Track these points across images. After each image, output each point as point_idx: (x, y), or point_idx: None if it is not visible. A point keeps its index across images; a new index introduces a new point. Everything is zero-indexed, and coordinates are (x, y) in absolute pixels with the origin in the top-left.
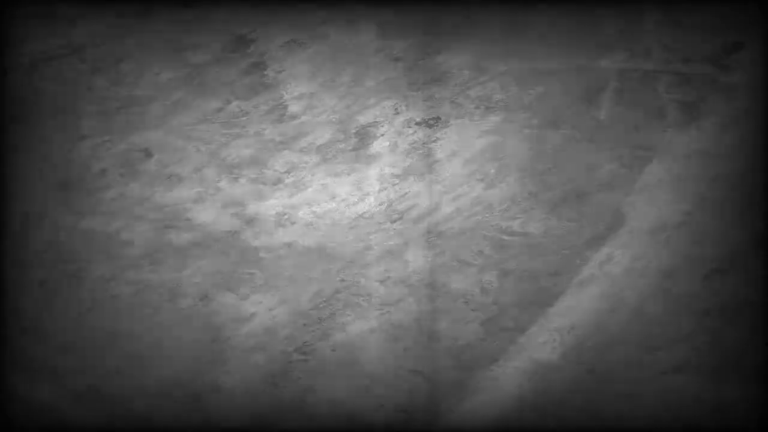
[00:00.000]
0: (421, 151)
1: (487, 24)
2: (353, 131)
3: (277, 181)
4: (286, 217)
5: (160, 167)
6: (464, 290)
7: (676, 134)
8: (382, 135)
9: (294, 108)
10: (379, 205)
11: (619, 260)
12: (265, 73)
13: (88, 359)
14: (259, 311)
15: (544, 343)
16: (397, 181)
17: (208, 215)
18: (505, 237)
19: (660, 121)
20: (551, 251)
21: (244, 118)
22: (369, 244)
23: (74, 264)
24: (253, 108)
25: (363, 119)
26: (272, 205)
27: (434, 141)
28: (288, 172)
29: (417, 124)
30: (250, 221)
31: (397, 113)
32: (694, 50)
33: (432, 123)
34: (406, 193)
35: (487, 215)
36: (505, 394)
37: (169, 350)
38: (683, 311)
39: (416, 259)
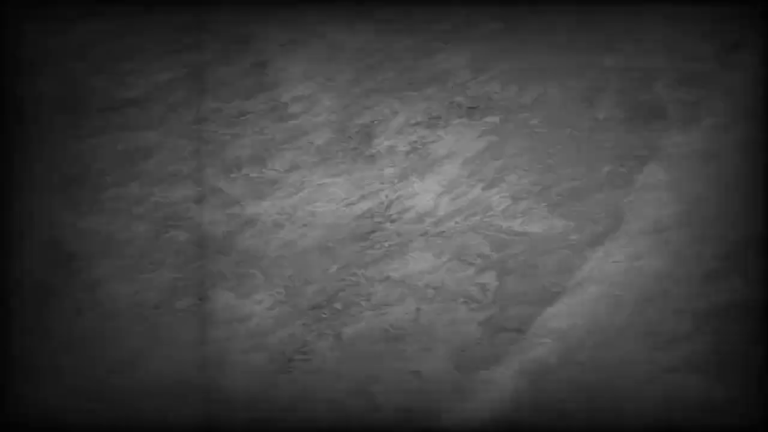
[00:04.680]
0: (420, 151)
1: (486, 24)
2: (352, 131)
3: (277, 181)
4: (285, 216)
5: (160, 167)
6: (464, 290)
7: (676, 134)
8: (381, 135)
9: (293, 108)
10: (379, 205)
11: (619, 260)
12: (265, 72)
13: (87, 359)
14: (259, 311)
15: (543, 343)
16: (397, 181)
17: (207, 215)
18: (505, 237)
19: (660, 121)
20: (551, 251)
21: (244, 118)
22: (368, 244)
23: (74, 264)
24: (252, 108)
25: (362, 119)
26: (272, 204)
27: (433, 141)
28: (288, 171)
29: (416, 124)
30: (250, 221)
31: (396, 113)
32: (694, 50)
33: (431, 123)
34: (405, 193)
35: (486, 215)
36: (504, 394)
37: (169, 350)
38: (683, 311)
39: (415, 259)
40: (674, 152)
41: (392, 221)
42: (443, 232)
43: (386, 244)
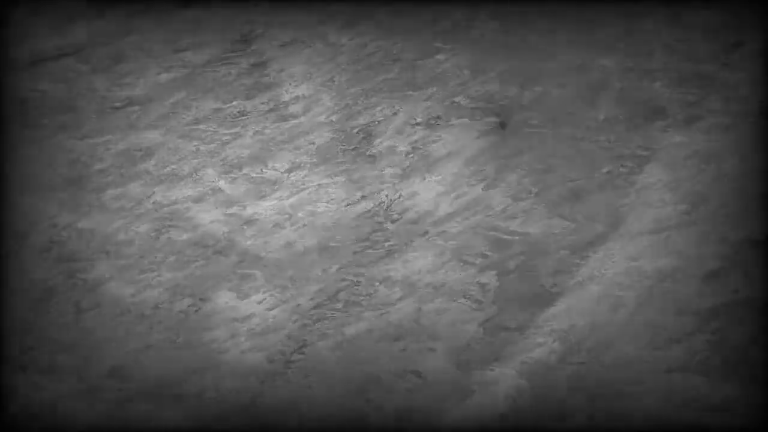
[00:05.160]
0: (420, 151)
1: (486, 23)
2: (353, 131)
3: (277, 181)
4: (285, 216)
5: (160, 167)
6: (464, 290)
7: (676, 134)
8: (382, 135)
9: (293, 108)
10: (379, 204)
11: (619, 260)
12: (265, 72)
13: (87, 359)
14: (259, 311)
15: (543, 343)
16: (397, 181)
17: (207, 215)
18: (505, 237)
19: (660, 121)
20: (551, 251)
21: (244, 118)
22: (369, 244)
23: (74, 264)
24: (253, 108)
25: (362, 119)
26: (272, 204)
27: (434, 141)
28: (288, 171)
29: (417, 124)
30: (250, 221)
31: (397, 113)
32: (694, 50)
33: (432, 123)
34: (406, 193)
35: (486, 215)
36: (504, 394)
37: (169, 350)
38: (683, 311)
39: (416, 259)
40: (674, 152)
41: (393, 221)
42: (443, 232)
43: (386, 244)
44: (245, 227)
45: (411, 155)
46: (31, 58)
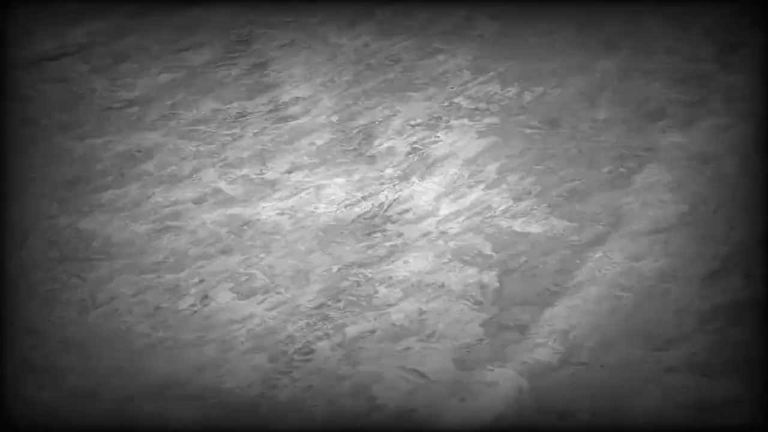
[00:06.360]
0: (421, 152)
1: (486, 24)
2: (353, 132)
3: (277, 182)
4: (286, 217)
5: (160, 167)
6: (464, 290)
7: (676, 134)
8: (382, 136)
9: (293, 109)
10: (379, 205)
11: (619, 260)
12: (265, 73)
13: (88, 359)
14: (259, 311)
15: (544, 343)
16: (397, 182)
17: (207, 215)
18: (506, 237)
19: (660, 121)
20: (551, 251)
21: (244, 119)
22: (369, 245)
23: (74, 264)
24: (253, 108)
25: (362, 120)
26: (272, 205)
27: (434, 142)
28: (288, 172)
29: (417, 124)
30: (250, 221)
31: (397, 114)
32: (694, 50)
33: (432, 124)
34: (406, 194)
35: (487, 215)
36: (505, 394)
37: (169, 350)
38: (683, 311)
39: (416, 259)
40: (674, 152)
41: (393, 222)
42: (444, 232)
43: (387, 245)
44: (245, 228)
45: (411, 156)
46: (31, 58)
